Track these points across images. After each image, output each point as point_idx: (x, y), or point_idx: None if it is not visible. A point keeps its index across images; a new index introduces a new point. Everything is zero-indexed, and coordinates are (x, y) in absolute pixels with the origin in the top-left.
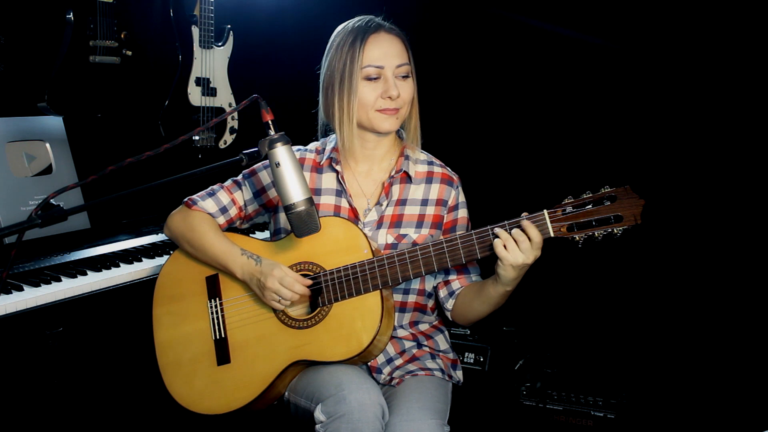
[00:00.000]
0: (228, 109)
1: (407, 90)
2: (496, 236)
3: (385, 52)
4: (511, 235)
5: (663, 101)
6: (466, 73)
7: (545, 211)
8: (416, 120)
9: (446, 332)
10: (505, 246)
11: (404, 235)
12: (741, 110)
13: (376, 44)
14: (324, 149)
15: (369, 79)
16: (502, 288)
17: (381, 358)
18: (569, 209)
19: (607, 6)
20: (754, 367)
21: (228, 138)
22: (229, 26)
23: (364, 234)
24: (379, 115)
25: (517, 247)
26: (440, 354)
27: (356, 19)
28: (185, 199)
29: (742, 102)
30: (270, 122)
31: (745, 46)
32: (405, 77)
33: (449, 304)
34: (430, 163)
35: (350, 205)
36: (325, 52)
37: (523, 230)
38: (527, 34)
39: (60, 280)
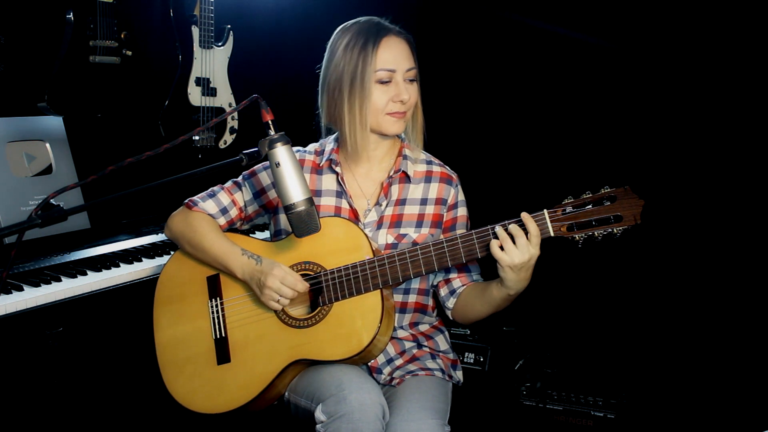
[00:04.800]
0: (228, 109)
1: (414, 93)
2: (495, 236)
3: (397, 56)
4: (508, 232)
5: (663, 101)
6: (465, 72)
7: (545, 211)
8: (421, 122)
9: (446, 332)
10: (501, 247)
11: (404, 235)
12: (740, 110)
13: (388, 48)
14: (323, 150)
15: (381, 82)
16: (505, 292)
17: (381, 358)
18: (569, 209)
19: (606, 6)
20: (754, 367)
21: (228, 138)
22: (229, 26)
23: (365, 234)
24: (388, 118)
25: (513, 246)
26: (440, 354)
27: (361, 19)
28: (186, 201)
29: (741, 102)
30: (270, 122)
31: (745, 45)
32: (412, 81)
33: (450, 303)
34: (429, 163)
35: (350, 206)
36: (327, 51)
37: (521, 225)
38: (527, 34)
39: (60, 280)
